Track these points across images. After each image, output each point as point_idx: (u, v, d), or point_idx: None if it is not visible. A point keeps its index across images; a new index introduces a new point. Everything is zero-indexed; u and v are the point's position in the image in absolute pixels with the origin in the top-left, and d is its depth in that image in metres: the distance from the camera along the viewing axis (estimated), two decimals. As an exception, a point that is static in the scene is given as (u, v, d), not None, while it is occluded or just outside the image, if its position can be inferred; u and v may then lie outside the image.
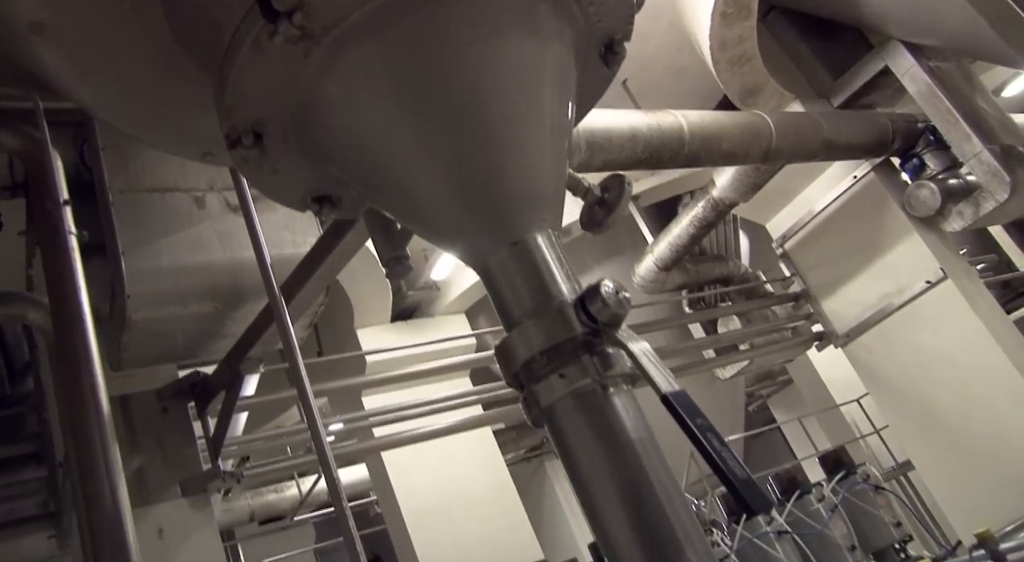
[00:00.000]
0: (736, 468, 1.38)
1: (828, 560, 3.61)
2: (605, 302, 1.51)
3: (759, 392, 18.08)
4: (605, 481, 1.40)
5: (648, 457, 1.40)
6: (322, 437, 2.96)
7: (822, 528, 3.64)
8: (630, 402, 1.46)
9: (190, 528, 4.21)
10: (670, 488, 1.40)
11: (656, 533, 1.34)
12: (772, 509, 1.26)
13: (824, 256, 9.35)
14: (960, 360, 8.36)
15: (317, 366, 8.19)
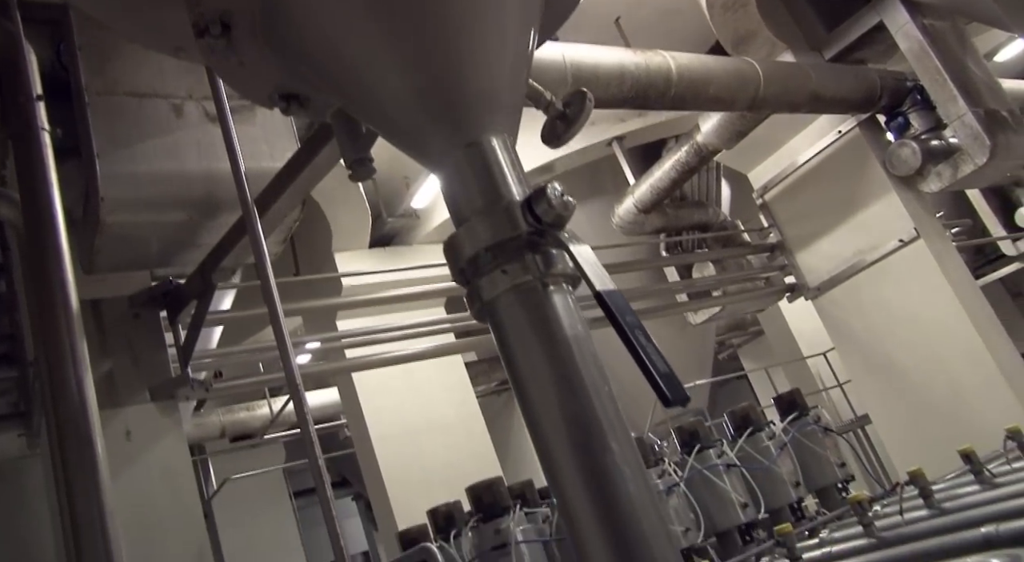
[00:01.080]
0: (659, 362, 1.47)
1: (773, 494, 3.76)
2: (550, 203, 1.57)
3: (730, 341, 18.36)
4: (540, 373, 1.48)
5: (581, 353, 1.47)
6: (290, 353, 3.02)
7: (770, 464, 3.79)
8: (568, 301, 1.53)
9: (157, 432, 4.30)
10: (598, 382, 1.48)
11: (584, 422, 1.42)
12: (687, 402, 1.33)
13: (802, 209, 9.43)
14: (924, 320, 8.55)
15: (293, 286, 8.23)
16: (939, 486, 3.38)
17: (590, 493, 1.39)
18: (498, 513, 3.09)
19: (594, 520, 1.38)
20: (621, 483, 1.37)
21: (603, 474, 1.39)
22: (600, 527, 1.37)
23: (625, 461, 1.38)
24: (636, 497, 1.36)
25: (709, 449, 3.72)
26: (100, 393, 4.29)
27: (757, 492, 3.71)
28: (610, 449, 1.39)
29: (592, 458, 1.40)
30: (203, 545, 4.22)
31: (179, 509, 4.22)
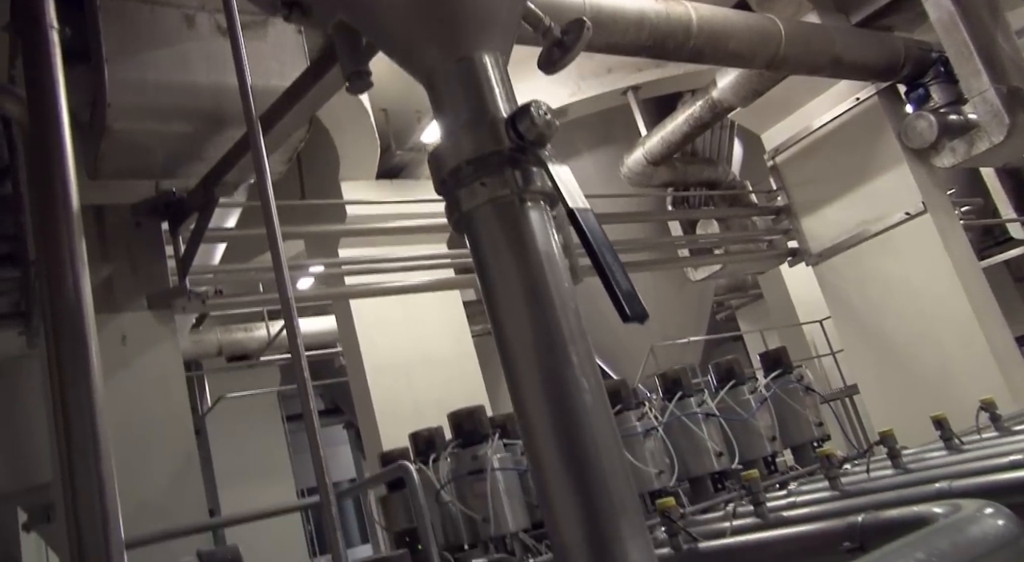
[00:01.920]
0: (622, 281, 1.51)
1: (749, 446, 3.84)
2: (534, 121, 1.59)
3: (729, 302, 18.41)
4: (510, 285, 1.52)
5: (552, 269, 1.51)
6: (285, 273, 3.03)
7: (748, 417, 3.86)
8: (544, 218, 1.56)
9: (152, 339, 4.39)
10: (566, 298, 1.52)
11: (548, 334, 1.47)
12: (646, 321, 1.36)
13: (812, 174, 9.38)
14: (922, 294, 8.58)
15: (298, 211, 8.27)
16: (910, 451, 3.46)
17: (549, 402, 1.44)
18: (477, 440, 3.17)
19: (550, 427, 1.44)
20: (578, 394, 1.42)
21: (562, 384, 1.43)
22: (555, 433, 1.42)
23: (584, 374, 1.43)
24: (592, 408, 1.42)
25: (690, 397, 3.79)
26: (98, 297, 4.36)
27: (733, 442, 3.79)
28: (571, 362, 1.43)
29: (553, 369, 1.45)
30: (191, 453, 4.34)
31: (169, 416, 4.33)
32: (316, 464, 2.72)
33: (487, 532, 3.04)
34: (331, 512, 2.57)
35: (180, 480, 4.18)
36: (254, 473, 13.99)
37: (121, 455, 4.12)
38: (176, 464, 4.24)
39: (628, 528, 1.34)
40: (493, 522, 3.01)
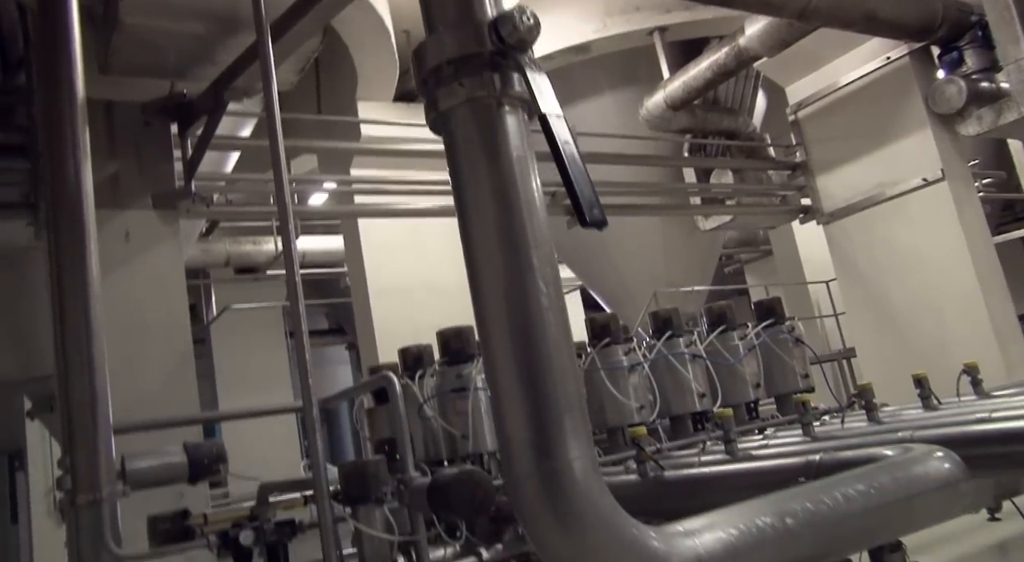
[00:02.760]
0: (585, 188, 1.53)
1: (733, 390, 3.89)
2: (516, 26, 1.59)
3: (738, 256, 18.36)
4: (481, 186, 1.54)
5: (523, 173, 1.53)
6: (285, 182, 3.01)
7: (735, 362, 3.90)
8: (520, 125, 1.57)
9: (155, 238, 4.44)
10: (533, 203, 1.54)
11: (513, 237, 1.50)
12: (603, 227, 1.38)
13: (833, 132, 9.25)
14: (929, 263, 8.54)
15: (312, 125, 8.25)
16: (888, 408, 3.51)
17: (507, 300, 1.47)
18: (463, 359, 3.23)
19: (506, 324, 1.48)
20: (535, 295, 1.45)
21: (521, 285, 1.46)
22: (510, 331, 1.46)
23: (543, 278, 1.46)
24: (548, 309, 1.45)
25: (679, 338, 3.83)
26: (104, 193, 4.41)
27: (717, 385, 3.85)
28: (532, 265, 1.46)
29: (514, 269, 1.47)
30: (187, 353, 4.43)
31: (167, 315, 4.41)
32: (301, 368, 2.78)
33: (465, 449, 3.12)
34: (311, 413, 2.64)
35: (175, 378, 4.28)
36: (255, 385, 14.23)
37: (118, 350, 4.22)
38: (172, 363, 4.34)
39: (571, 425, 1.39)
40: (471, 439, 3.10)
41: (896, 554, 3.82)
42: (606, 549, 1.36)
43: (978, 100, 8.08)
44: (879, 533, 1.69)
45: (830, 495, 1.61)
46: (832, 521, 1.58)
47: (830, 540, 1.63)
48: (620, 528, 1.37)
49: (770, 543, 1.49)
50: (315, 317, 21.31)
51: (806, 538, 1.54)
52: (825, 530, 1.57)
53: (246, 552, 2.54)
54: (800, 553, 1.58)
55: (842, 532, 1.62)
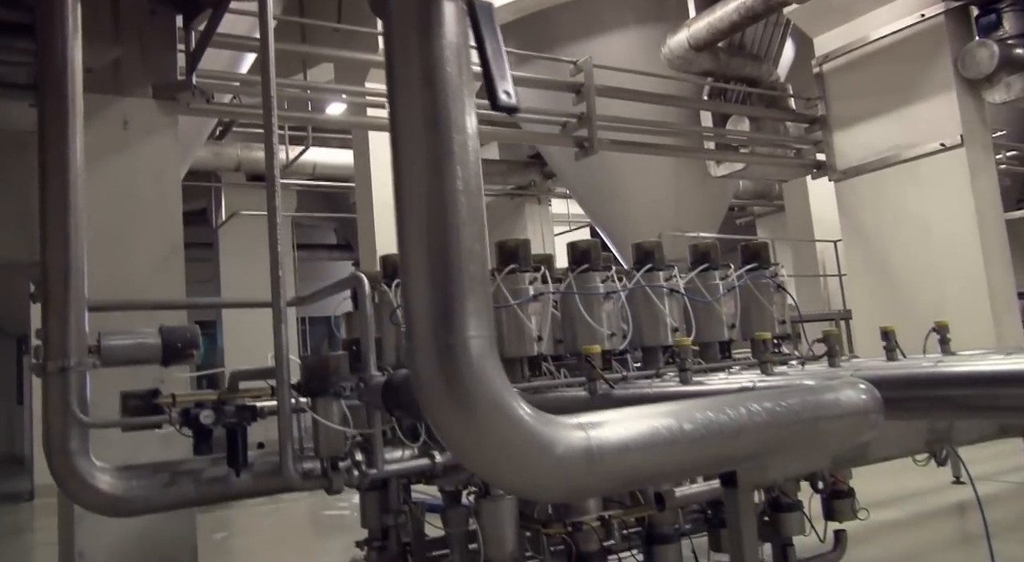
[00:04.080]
0: (501, 71, 1.54)
1: (708, 328, 3.92)
2: None
3: (752, 208, 18.24)
4: (412, 66, 1.54)
5: (454, 59, 1.52)
6: (271, 78, 2.98)
7: (712, 300, 3.93)
8: (459, 13, 1.55)
9: (154, 128, 4.46)
10: (462, 87, 1.54)
11: (437, 114, 1.51)
12: (515, 112, 1.39)
13: (856, 89, 9.07)
14: (935, 230, 8.47)
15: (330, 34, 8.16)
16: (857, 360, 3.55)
17: (424, 179, 1.50)
18: (438, 271, 3.27)
19: (421, 200, 1.51)
20: (451, 178, 1.47)
21: (439, 165, 1.48)
22: (425, 207, 1.49)
23: (461, 161, 1.48)
24: (463, 192, 1.48)
25: (659, 271, 3.86)
26: (105, 78, 4.42)
27: (692, 321, 3.88)
28: (452, 149, 1.48)
29: (434, 149, 1.49)
30: (177, 245, 4.50)
31: (160, 205, 4.46)
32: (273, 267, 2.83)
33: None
34: (279, 306, 2.71)
35: (163, 268, 4.36)
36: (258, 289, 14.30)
37: (108, 233, 4.30)
38: (161, 252, 4.41)
39: (473, 306, 1.43)
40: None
41: (846, 500, 3.93)
42: (493, 428, 1.41)
43: (1009, 66, 7.89)
44: (778, 448, 1.74)
45: (736, 409, 1.66)
46: (730, 431, 1.63)
47: (726, 448, 1.68)
48: (510, 409, 1.42)
49: (664, 444, 1.54)
50: (324, 231, 21.42)
51: (701, 444, 1.59)
52: (722, 439, 1.62)
53: (206, 430, 2.64)
54: (693, 457, 1.63)
55: (739, 443, 1.67)
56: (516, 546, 2.89)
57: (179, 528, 4.10)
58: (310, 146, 12.05)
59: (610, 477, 1.52)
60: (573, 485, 1.48)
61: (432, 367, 1.42)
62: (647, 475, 1.66)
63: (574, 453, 1.43)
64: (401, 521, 3.20)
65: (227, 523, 8.03)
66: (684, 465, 1.66)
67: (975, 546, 3.06)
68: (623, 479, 1.60)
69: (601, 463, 1.45)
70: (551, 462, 1.42)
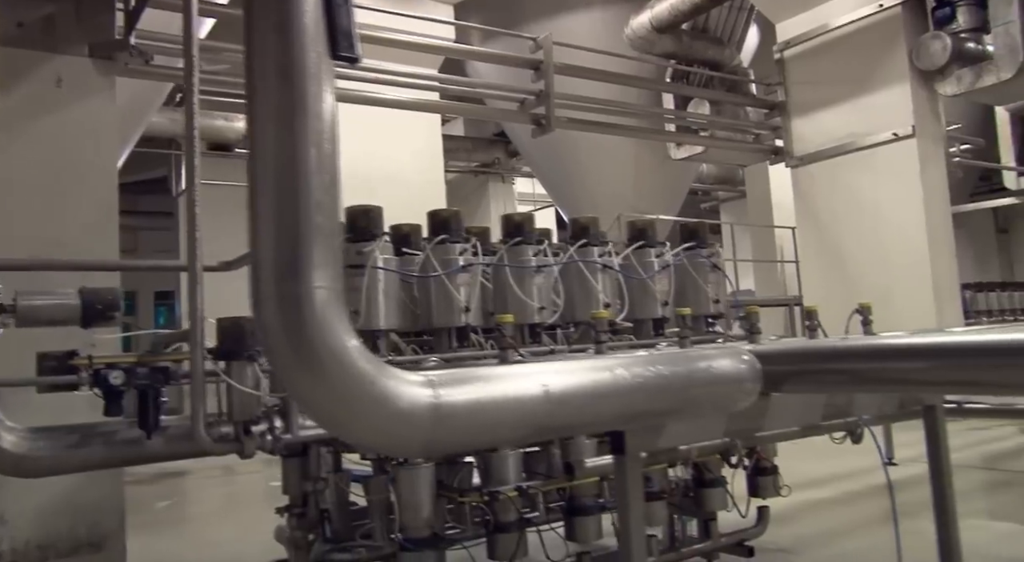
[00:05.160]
0: (344, 21, 1.53)
1: (642, 304, 3.94)
2: None
3: (716, 193, 18.37)
4: (267, 14, 1.52)
5: (310, 12, 1.50)
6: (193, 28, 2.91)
7: (646, 277, 3.95)
8: None
9: (89, 89, 4.36)
10: (316, 36, 1.52)
11: (292, 62, 1.49)
12: (356, 62, 1.38)
13: (815, 76, 9.15)
14: (886, 218, 8.61)
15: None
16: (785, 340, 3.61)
17: (278, 122, 1.48)
18: (366, 238, 3.26)
19: (273, 145, 1.49)
20: (303, 118, 1.46)
21: (294, 109, 1.46)
22: (276, 152, 1.48)
23: (315, 112, 1.47)
24: (318, 139, 1.47)
25: (594, 246, 3.87)
26: (37, 34, 4.31)
27: (625, 297, 3.90)
28: (306, 94, 1.47)
29: (287, 96, 1.48)
30: (111, 206, 4.42)
31: (96, 166, 4.37)
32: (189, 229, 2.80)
33: (356, 324, 3.18)
34: (195, 269, 2.69)
35: (97, 230, 4.28)
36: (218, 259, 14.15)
37: (40, 192, 4.22)
38: (96, 214, 4.33)
39: (320, 257, 1.43)
40: (363, 316, 3.15)
41: (769, 477, 4.00)
42: (336, 380, 1.40)
43: (961, 59, 8.00)
44: (645, 412, 1.77)
45: (601, 373, 1.67)
46: (596, 395, 1.64)
47: (588, 411, 1.69)
48: (352, 362, 1.41)
49: (517, 404, 1.54)
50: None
51: (560, 405, 1.60)
52: (583, 401, 1.63)
53: (116, 391, 2.61)
54: (551, 417, 1.63)
55: (602, 408, 1.69)
56: (432, 514, 2.91)
57: (105, 493, 4.08)
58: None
59: (455, 433, 1.52)
60: (417, 440, 1.47)
61: (276, 317, 1.41)
62: (496, 434, 1.65)
63: (418, 409, 1.43)
64: (320, 488, 3.21)
65: (176, 492, 8.00)
66: (543, 425, 1.66)
67: (892, 522, 3.13)
68: (469, 436, 1.60)
69: (449, 419, 1.45)
70: (393, 416, 1.42)
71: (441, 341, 3.44)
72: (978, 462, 7.09)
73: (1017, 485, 6.04)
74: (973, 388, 2.23)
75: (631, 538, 1.88)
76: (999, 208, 14.86)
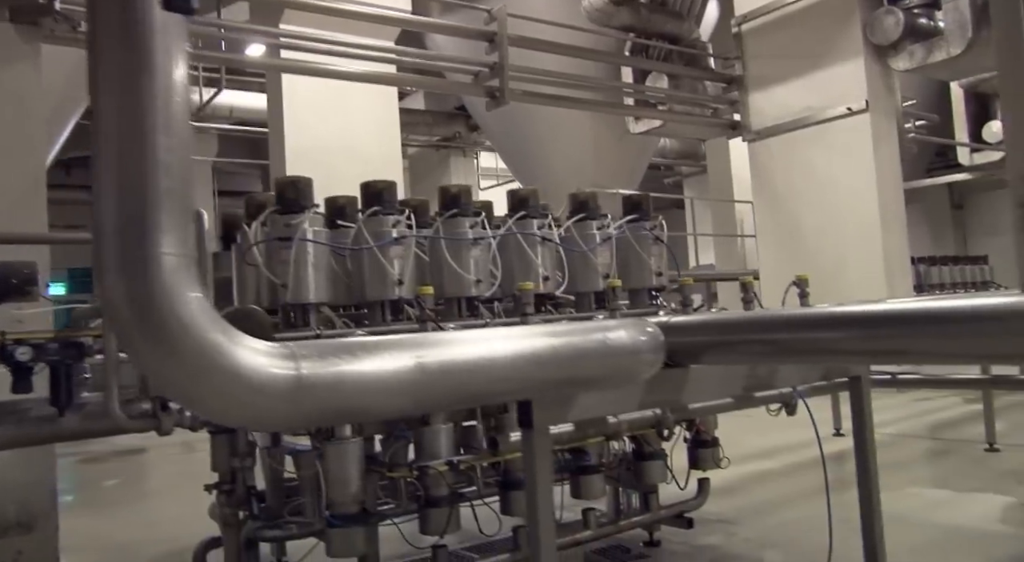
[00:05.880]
0: None
1: (583, 277, 3.90)
2: None
3: (679, 168, 18.41)
4: None
5: None
6: None
7: (586, 250, 3.91)
8: None
9: (12, 56, 4.19)
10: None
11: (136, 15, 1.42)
12: (192, 13, 1.31)
13: (772, 50, 9.14)
14: (839, 192, 8.67)
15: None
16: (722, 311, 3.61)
17: (121, 81, 1.40)
18: (296, 210, 3.18)
19: (116, 105, 1.41)
20: (148, 82, 1.39)
21: (137, 71, 1.39)
22: (119, 109, 1.40)
23: (162, 69, 1.39)
24: (160, 98, 1.39)
25: (533, 219, 3.82)
26: (-45, -5, 4.13)
27: (564, 270, 3.87)
28: (150, 56, 1.40)
29: (132, 52, 1.40)
30: (39, 178, 4.28)
31: (20, 136, 4.22)
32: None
33: (284, 298, 3.11)
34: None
35: (22, 203, 4.14)
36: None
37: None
38: (23, 185, 4.19)
39: (167, 222, 1.36)
40: (291, 289, 3.08)
41: (709, 450, 4.02)
42: (185, 350, 1.34)
43: (913, 35, 8.04)
44: (534, 384, 1.73)
45: (481, 345, 1.63)
46: (474, 368, 1.58)
47: (473, 385, 1.64)
48: (203, 331, 1.36)
49: (383, 380, 1.49)
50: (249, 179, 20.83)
51: (442, 382, 1.55)
52: (464, 375, 1.59)
53: (24, 368, 2.53)
54: (424, 396, 1.58)
55: (484, 379, 1.64)
56: (361, 489, 2.87)
57: (36, 471, 3.98)
58: (223, 88, 11.61)
59: (320, 405, 1.46)
60: (278, 413, 1.42)
61: (119, 286, 1.34)
62: (364, 405, 1.58)
63: (279, 381, 1.38)
64: (248, 464, 3.15)
65: (128, 470, 7.90)
66: (420, 397, 1.60)
67: (836, 494, 3.16)
68: (335, 408, 1.54)
69: (312, 390, 1.40)
70: (250, 389, 1.36)
71: (375, 315, 3.38)
72: (923, 432, 7.24)
73: (956, 453, 6.18)
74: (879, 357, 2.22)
75: (538, 515, 1.85)
76: (954, 184, 15.04)
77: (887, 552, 3.08)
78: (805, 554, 3.80)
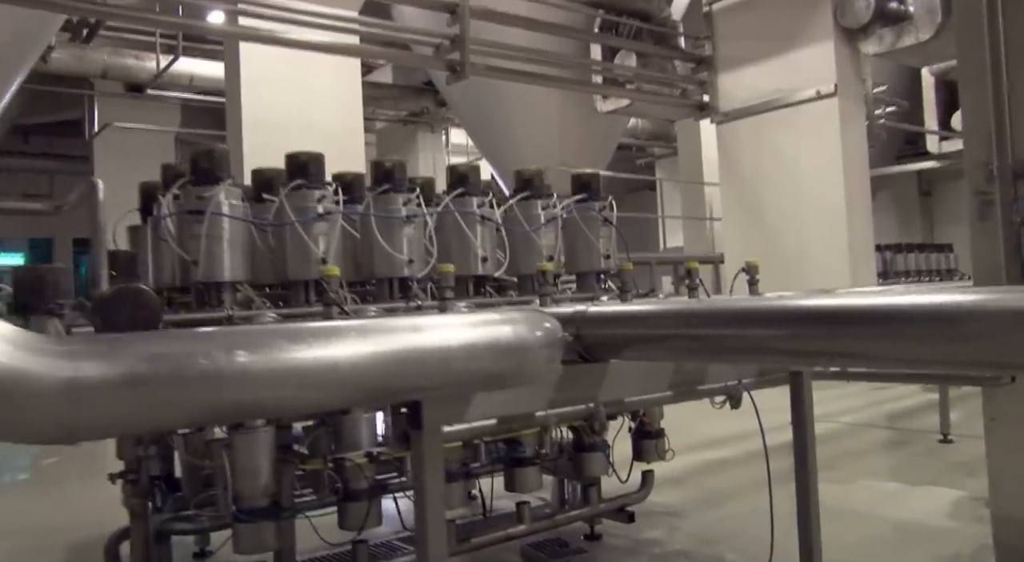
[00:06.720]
0: None
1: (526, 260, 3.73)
2: None
3: (651, 149, 18.27)
4: None
5: None
6: None
7: (530, 230, 3.73)
8: None
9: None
10: None
11: None
12: None
13: (743, 31, 8.99)
14: (806, 177, 8.57)
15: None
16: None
17: None
18: (210, 181, 2.96)
19: None
20: None
21: None
22: None
23: None
24: None
25: (472, 196, 3.63)
26: None
27: (506, 251, 3.69)
28: None
29: None
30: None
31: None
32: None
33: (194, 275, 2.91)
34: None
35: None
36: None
37: None
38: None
39: None
40: (203, 266, 2.88)
41: (652, 441, 3.88)
42: None
43: (883, 19, 7.93)
44: (386, 390, 1.55)
45: (344, 337, 1.45)
46: (301, 370, 1.39)
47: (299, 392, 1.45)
48: None
49: (182, 384, 1.28)
50: (214, 150, 20.42)
51: (259, 384, 1.35)
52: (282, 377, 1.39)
53: None
54: (238, 401, 1.38)
55: (311, 385, 1.45)
56: (271, 480, 2.69)
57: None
58: (180, 55, 11.23)
59: (100, 415, 1.24)
60: (53, 426, 1.20)
61: None
62: (155, 415, 1.36)
63: (52, 388, 1.18)
64: (151, 453, 2.96)
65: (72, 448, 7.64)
66: (233, 403, 1.38)
67: (782, 484, 3.04)
68: (120, 421, 1.31)
69: (89, 397, 1.18)
70: (22, 398, 1.15)
71: (298, 295, 3.18)
72: (880, 421, 7.18)
73: (911, 444, 6.11)
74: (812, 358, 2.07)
75: (426, 520, 1.68)
76: (922, 171, 15.04)
77: (833, 547, 2.96)
78: (746, 549, 3.68)
